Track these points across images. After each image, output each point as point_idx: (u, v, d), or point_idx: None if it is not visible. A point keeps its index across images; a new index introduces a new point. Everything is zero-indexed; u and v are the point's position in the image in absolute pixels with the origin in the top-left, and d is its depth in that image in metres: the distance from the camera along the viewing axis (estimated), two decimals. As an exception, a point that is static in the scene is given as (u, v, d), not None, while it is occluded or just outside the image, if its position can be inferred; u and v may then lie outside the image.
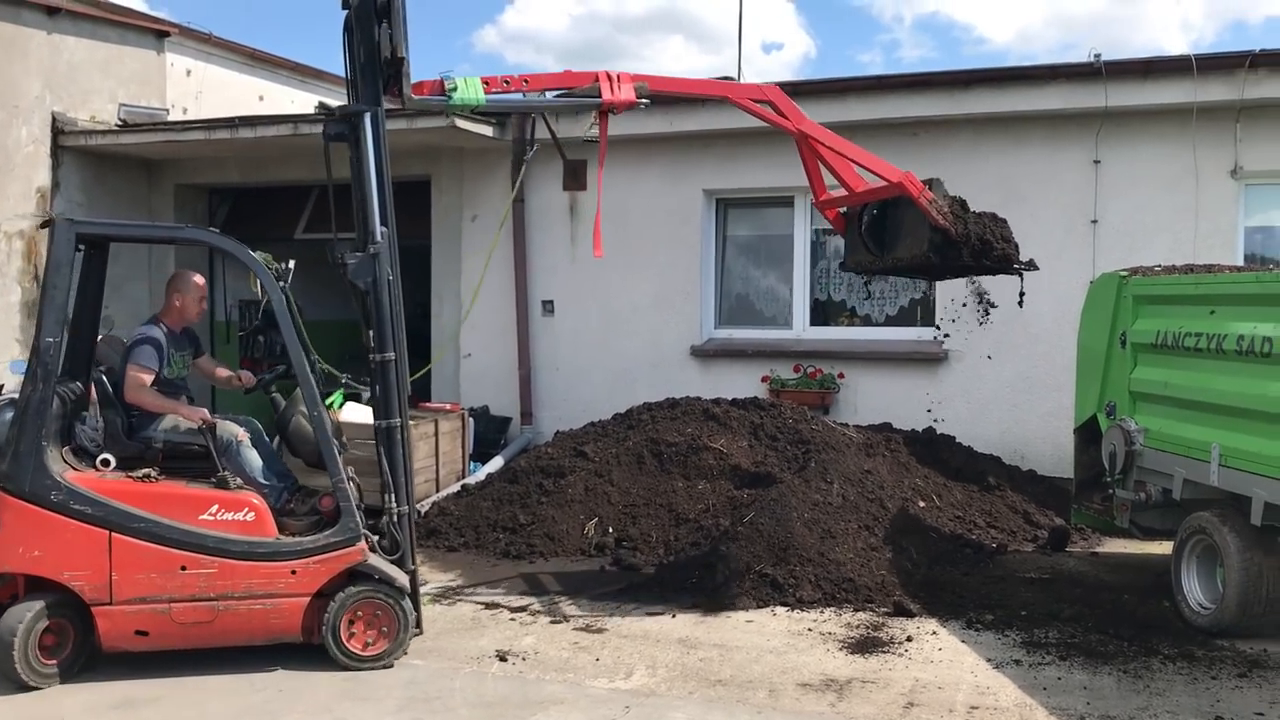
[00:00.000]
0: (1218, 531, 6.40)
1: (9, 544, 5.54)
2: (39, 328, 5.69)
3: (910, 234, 7.17)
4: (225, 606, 5.68)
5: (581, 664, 5.94)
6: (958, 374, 10.51)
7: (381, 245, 6.09)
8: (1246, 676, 5.72)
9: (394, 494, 6.09)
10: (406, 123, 11.20)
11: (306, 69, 16.47)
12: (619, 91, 6.76)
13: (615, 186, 11.51)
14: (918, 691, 5.54)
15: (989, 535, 8.60)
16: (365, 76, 6.28)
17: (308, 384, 5.96)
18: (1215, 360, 6.46)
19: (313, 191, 13.56)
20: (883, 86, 10.46)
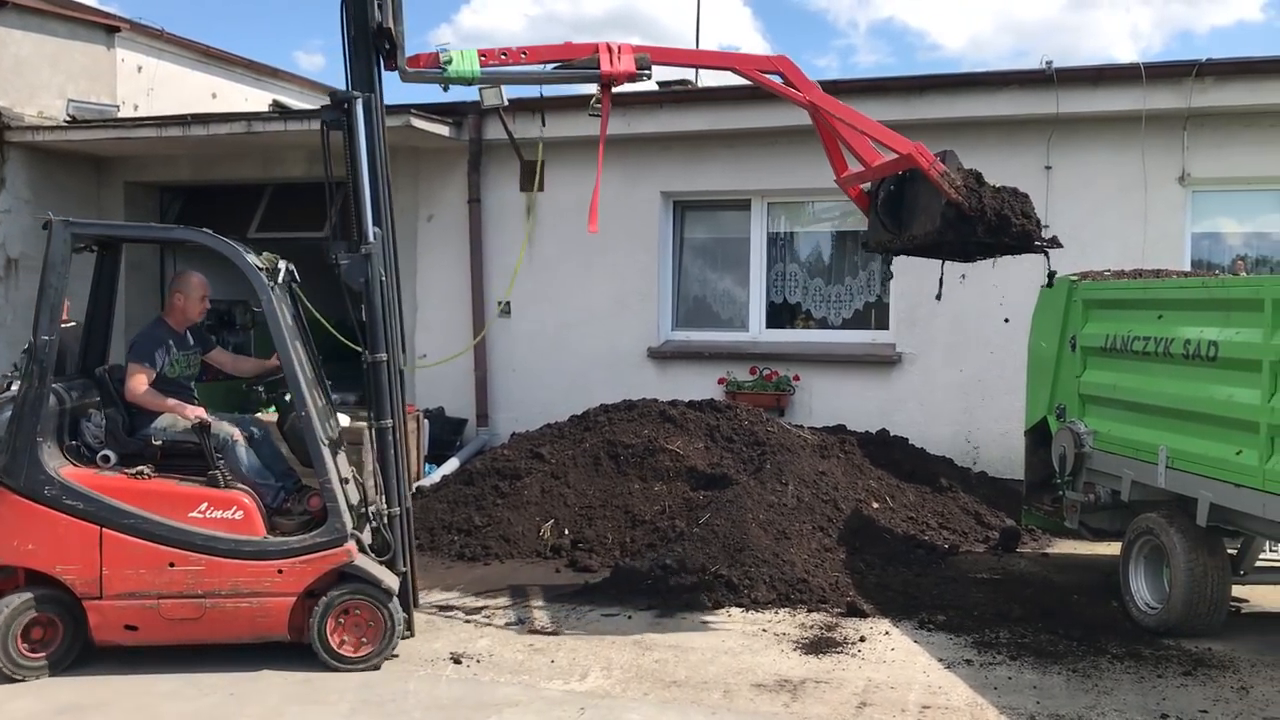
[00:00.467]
0: (1165, 532, 6.50)
1: (4, 537, 5.61)
2: (35, 326, 5.73)
3: (924, 210, 6.79)
4: (213, 604, 5.70)
5: (536, 666, 5.92)
6: (911, 376, 10.61)
7: (374, 246, 6.07)
8: (1192, 675, 5.82)
9: (385, 495, 6.07)
10: (362, 122, 11.12)
11: (261, 67, 16.32)
12: (619, 63, 6.59)
13: (572, 187, 11.53)
14: (871, 691, 5.58)
15: (941, 536, 8.68)
16: (358, 55, 6.20)
17: (295, 385, 5.92)
18: (1163, 364, 6.56)
19: (266, 190, 13.44)
20: (838, 91, 10.40)
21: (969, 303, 10.42)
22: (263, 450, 6.39)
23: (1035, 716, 5.24)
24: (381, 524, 6.07)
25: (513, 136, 11.25)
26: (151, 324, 6.50)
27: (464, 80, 6.52)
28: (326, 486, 5.83)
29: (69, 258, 5.82)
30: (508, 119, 11.21)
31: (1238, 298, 6.05)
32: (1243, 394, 5.83)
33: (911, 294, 10.65)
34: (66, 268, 5.78)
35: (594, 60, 6.61)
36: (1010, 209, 6.56)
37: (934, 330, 10.56)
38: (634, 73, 6.64)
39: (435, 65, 6.42)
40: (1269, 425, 5.61)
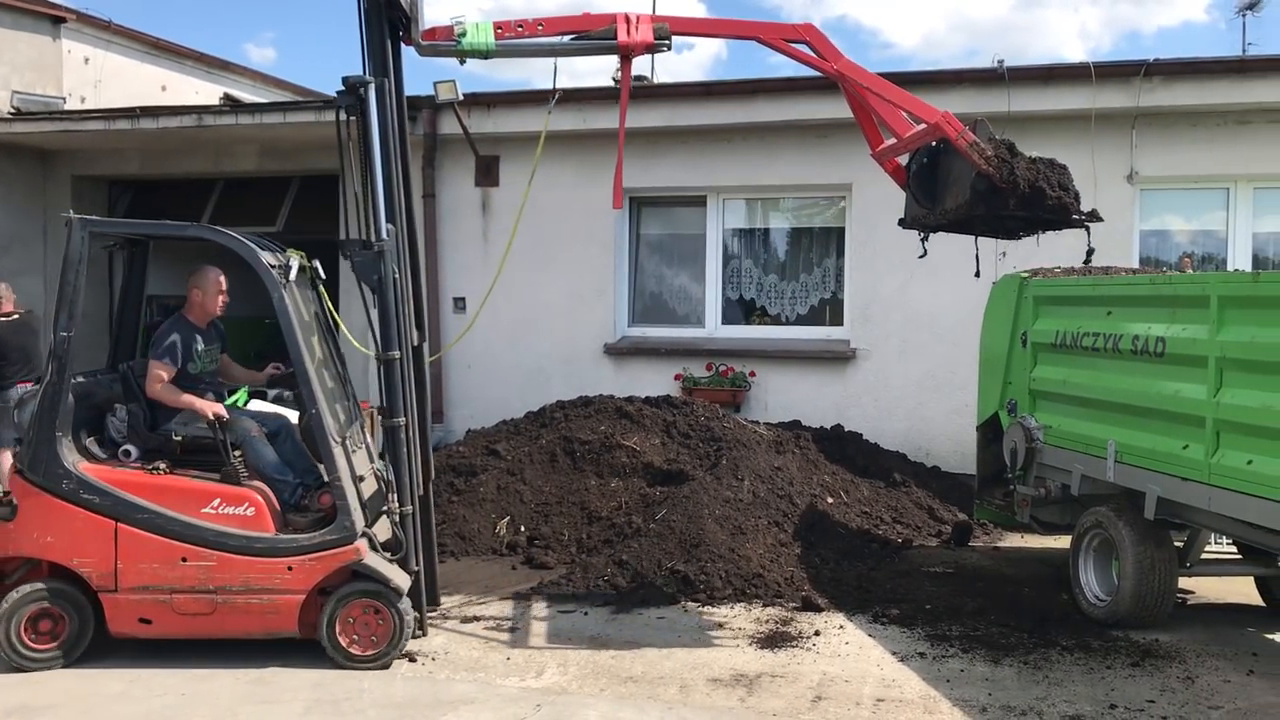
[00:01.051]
0: (1114, 526, 6.60)
1: (25, 529, 5.72)
2: (55, 323, 5.81)
3: (955, 183, 6.53)
4: (224, 599, 5.73)
5: (492, 663, 5.91)
6: (865, 373, 10.69)
7: (388, 243, 6.01)
8: (1139, 665, 5.92)
9: (397, 493, 6.04)
10: (315, 115, 11.07)
11: (212, 59, 16.11)
12: (636, 33, 6.46)
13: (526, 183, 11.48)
14: (826, 685, 5.62)
15: (895, 530, 8.76)
16: (371, 29, 6.10)
17: (305, 382, 5.89)
18: (1112, 360, 6.66)
19: (217, 184, 13.28)
20: (793, 88, 10.58)
21: (922, 299, 10.52)
22: (285, 446, 6.37)
23: (987, 708, 5.31)
24: (393, 522, 6.05)
25: (468, 131, 11.19)
26: (172, 320, 6.42)
27: (479, 53, 6.42)
28: (336, 484, 5.81)
29: (86, 256, 5.85)
30: (463, 114, 11.15)
31: (1184, 295, 6.15)
32: (1189, 389, 5.93)
33: (866, 290, 10.74)
34: (84, 265, 5.82)
35: (611, 31, 6.48)
36: (1045, 180, 6.23)
37: (888, 326, 10.64)
38: (652, 43, 6.50)
39: (450, 38, 6.34)
40: (1214, 420, 5.71)
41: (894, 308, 10.64)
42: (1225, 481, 5.61)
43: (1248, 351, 5.55)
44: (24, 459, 5.82)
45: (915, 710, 5.30)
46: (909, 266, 10.58)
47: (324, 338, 6.41)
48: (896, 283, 10.62)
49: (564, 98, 11.25)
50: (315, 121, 10.97)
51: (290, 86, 17.46)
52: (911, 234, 10.52)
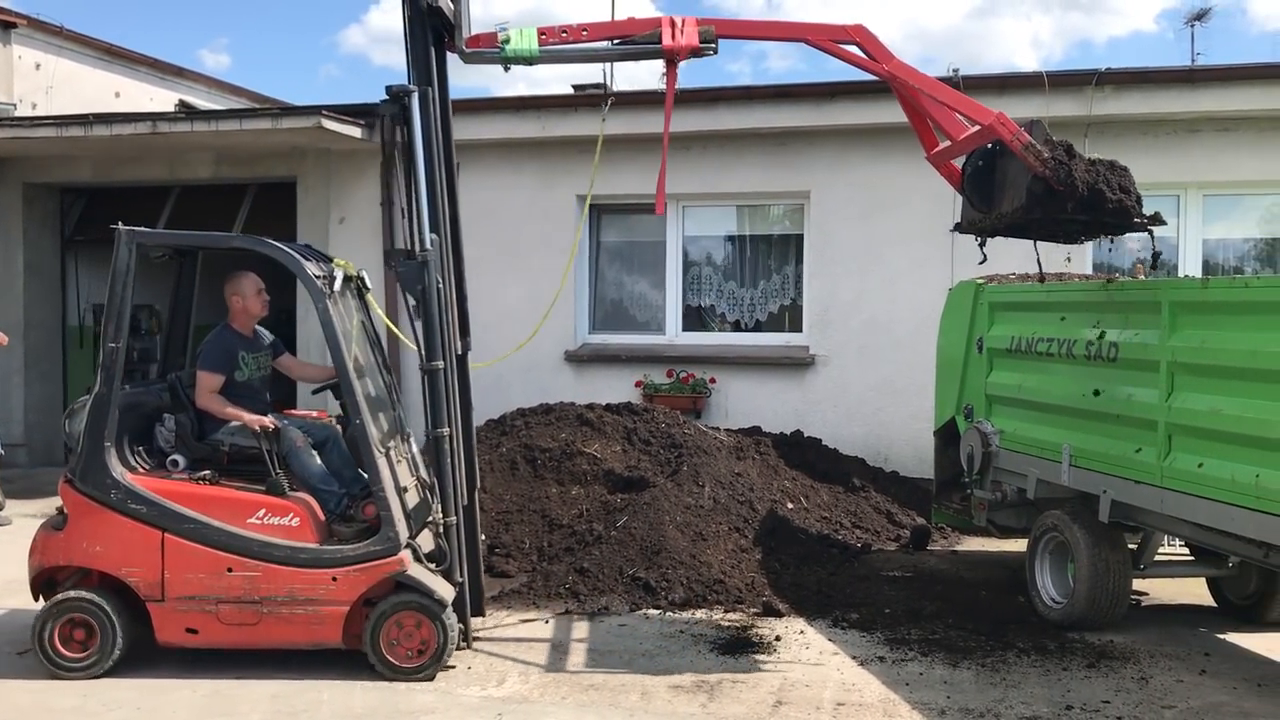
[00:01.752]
0: (1069, 529, 6.68)
1: (75, 539, 5.76)
2: (103, 334, 5.85)
3: (1012, 185, 6.35)
4: (269, 610, 5.74)
5: (453, 672, 5.87)
6: (824, 378, 10.76)
7: (431, 253, 6.00)
8: (1095, 667, 6.00)
9: (441, 504, 6.01)
10: (271, 122, 10.97)
11: (166, 66, 15.95)
12: (681, 37, 6.35)
13: (488, 189, 11.48)
14: (786, 690, 5.65)
15: (854, 535, 8.82)
16: (415, 37, 6.08)
17: (350, 392, 5.88)
18: (1066, 364, 6.75)
19: (172, 191, 13.12)
20: (751, 96, 10.65)
21: (880, 305, 10.61)
22: (332, 456, 6.33)
23: (946, 711, 5.35)
24: (438, 533, 6.02)
25: (426, 138, 11.13)
26: (218, 330, 6.38)
27: (523, 59, 6.36)
28: (380, 494, 5.79)
29: (134, 266, 5.87)
30: (421, 121, 11.08)
31: (1136, 300, 6.24)
32: (1142, 393, 6.02)
33: (824, 296, 10.81)
34: (132, 276, 5.84)
35: (656, 35, 6.38)
36: (1105, 183, 6.07)
37: (847, 333, 10.72)
38: (697, 47, 6.38)
39: (494, 45, 6.30)
40: (1167, 424, 5.80)
41: (852, 314, 10.72)
42: (1177, 484, 5.70)
43: (1198, 356, 5.65)
44: (74, 469, 5.82)
45: (875, 714, 5.33)
46: (867, 273, 10.69)
47: (370, 347, 6.36)
48: (854, 289, 10.70)
49: (522, 104, 11.28)
50: (272, 129, 10.87)
51: (247, 93, 17.33)
52: (868, 240, 10.68)
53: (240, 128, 11.11)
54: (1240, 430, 5.30)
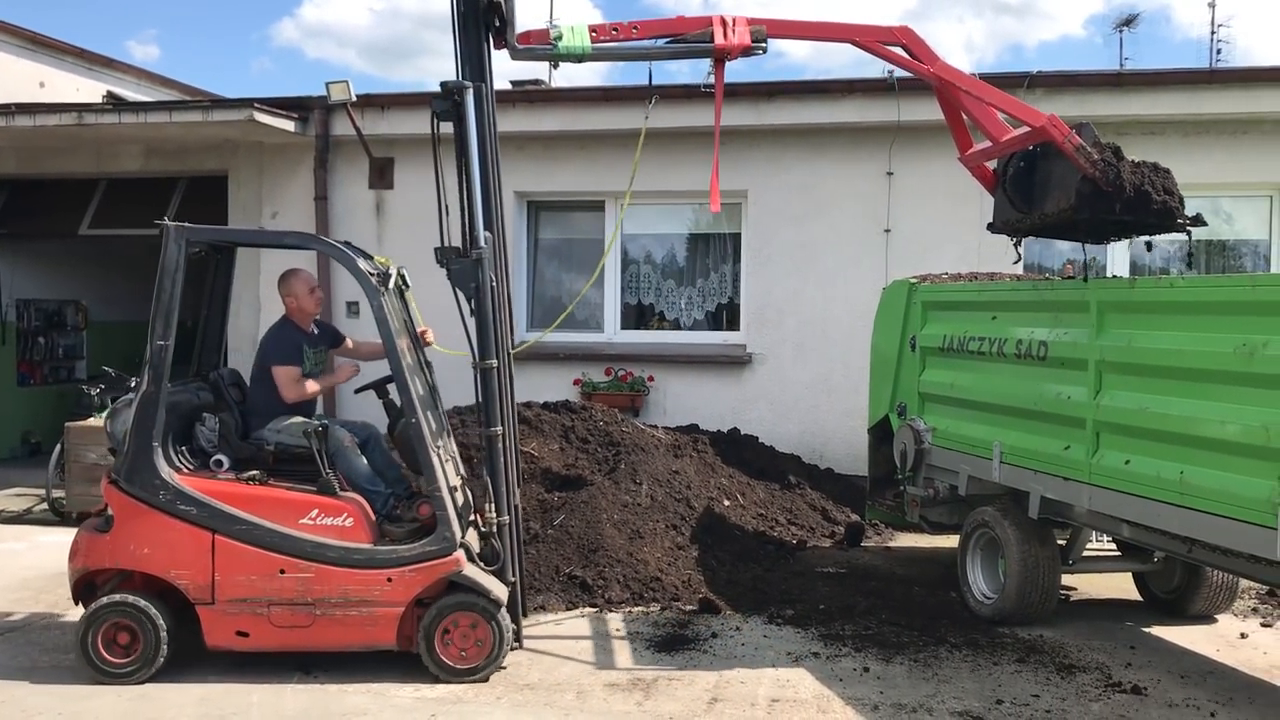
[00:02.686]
0: (999, 525, 6.78)
1: (122, 541, 5.64)
2: (150, 331, 5.70)
3: (1058, 186, 6.43)
4: (322, 612, 5.65)
5: (386, 673, 5.81)
6: (761, 376, 10.81)
7: (485, 251, 5.91)
8: (1024, 661, 6.09)
9: (494, 503, 5.93)
10: (202, 115, 10.79)
11: (94, 56, 15.56)
12: (734, 36, 6.37)
13: (424, 186, 11.32)
14: (722, 687, 5.66)
15: (789, 532, 8.87)
16: (468, 34, 6.00)
17: (406, 392, 5.83)
18: (996, 363, 6.84)
19: (99, 184, 12.83)
20: (689, 95, 10.64)
21: (816, 304, 10.70)
22: (374, 456, 6.25)
23: (879, 706, 5.40)
24: (491, 533, 5.93)
25: (361, 132, 11.02)
26: (279, 326, 6.36)
27: (574, 57, 6.31)
28: (436, 494, 5.73)
29: (183, 263, 5.79)
30: (356, 115, 10.97)
31: (1065, 300, 6.34)
32: (1070, 391, 6.12)
33: (761, 295, 10.87)
34: (181, 273, 5.76)
35: (708, 34, 6.39)
36: (1151, 184, 6.15)
37: (783, 331, 10.78)
38: (749, 46, 6.40)
39: (546, 41, 6.24)
40: (1095, 421, 5.90)
41: (789, 313, 10.79)
42: (1105, 481, 5.80)
43: (1125, 355, 5.75)
44: (119, 470, 5.68)
45: (809, 710, 5.37)
46: (803, 272, 10.77)
47: (413, 345, 6.26)
48: (791, 288, 10.77)
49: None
50: (203, 121, 10.68)
51: (178, 85, 16.97)
52: (804, 240, 10.75)
53: (170, 120, 10.90)
54: (1166, 428, 5.40)
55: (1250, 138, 9.97)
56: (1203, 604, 6.89)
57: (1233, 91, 9.92)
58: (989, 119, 6.77)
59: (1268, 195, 10.15)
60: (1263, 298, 4.94)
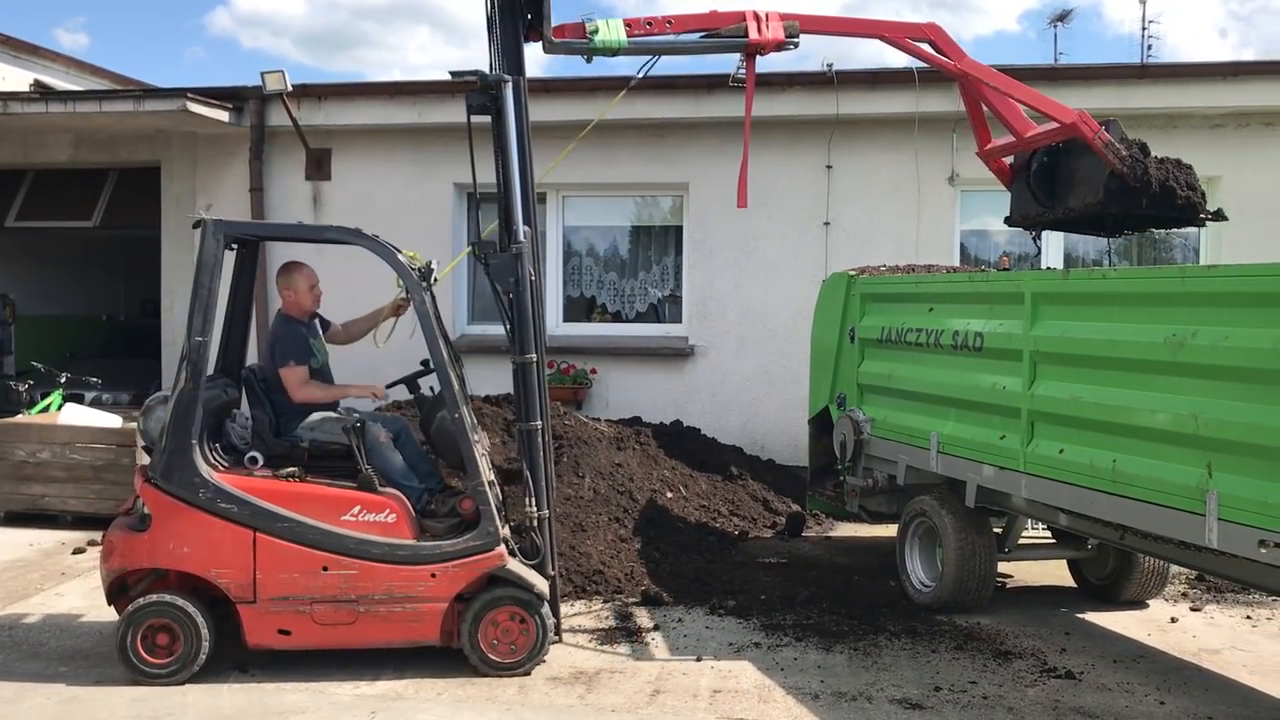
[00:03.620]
0: (937, 514, 6.86)
1: (160, 540, 5.55)
2: (189, 327, 5.64)
3: (1084, 181, 6.58)
4: (366, 608, 5.61)
5: (325, 669, 5.73)
6: (703, 369, 10.85)
7: (525, 245, 5.84)
8: (963, 648, 6.17)
9: (534, 497, 5.89)
10: (133, 104, 10.58)
11: (20, 44, 15.17)
12: (767, 31, 6.41)
13: (362, 178, 11.26)
14: (664, 679, 5.67)
15: (732, 523, 8.91)
16: (506, 27, 5.93)
17: (449, 386, 5.79)
18: (934, 354, 6.91)
19: (26, 175, 12.53)
20: (631, 87, 10.63)
21: (757, 296, 10.74)
22: (406, 450, 6.17)
23: (819, 695, 5.44)
24: (531, 527, 5.89)
25: (297, 123, 10.87)
26: (279, 323, 6.24)
27: (610, 50, 6.30)
28: (479, 489, 5.70)
29: (221, 258, 5.74)
30: (292, 105, 10.82)
31: (1001, 291, 6.42)
32: (1006, 382, 6.20)
33: (703, 288, 10.89)
34: (219, 268, 5.70)
35: (742, 29, 6.43)
36: (1176, 181, 6.35)
37: (725, 323, 10.82)
38: (782, 41, 6.45)
39: (581, 35, 6.22)
40: (1029, 411, 5.98)
41: (730, 305, 10.83)
42: (1039, 470, 5.88)
43: (1058, 345, 5.83)
44: (156, 468, 5.57)
45: (750, 700, 5.39)
46: (743, 265, 10.81)
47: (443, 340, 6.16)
48: (732, 280, 10.81)
49: (398, 90, 11.07)
50: (134, 111, 10.48)
51: (109, 75, 16.61)
52: (745, 232, 10.79)
53: (100, 110, 10.68)
54: (1098, 417, 5.48)
55: (1180, 131, 10.17)
56: (1135, 590, 7.02)
57: (1163, 86, 10.12)
58: (1013, 114, 6.91)
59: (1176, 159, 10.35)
60: (1192, 289, 5.04)
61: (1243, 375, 4.69)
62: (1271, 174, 10.15)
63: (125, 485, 8.75)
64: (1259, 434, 4.57)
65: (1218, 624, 6.77)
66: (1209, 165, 10.16)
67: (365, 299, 6.80)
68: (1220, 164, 10.20)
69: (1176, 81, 10.13)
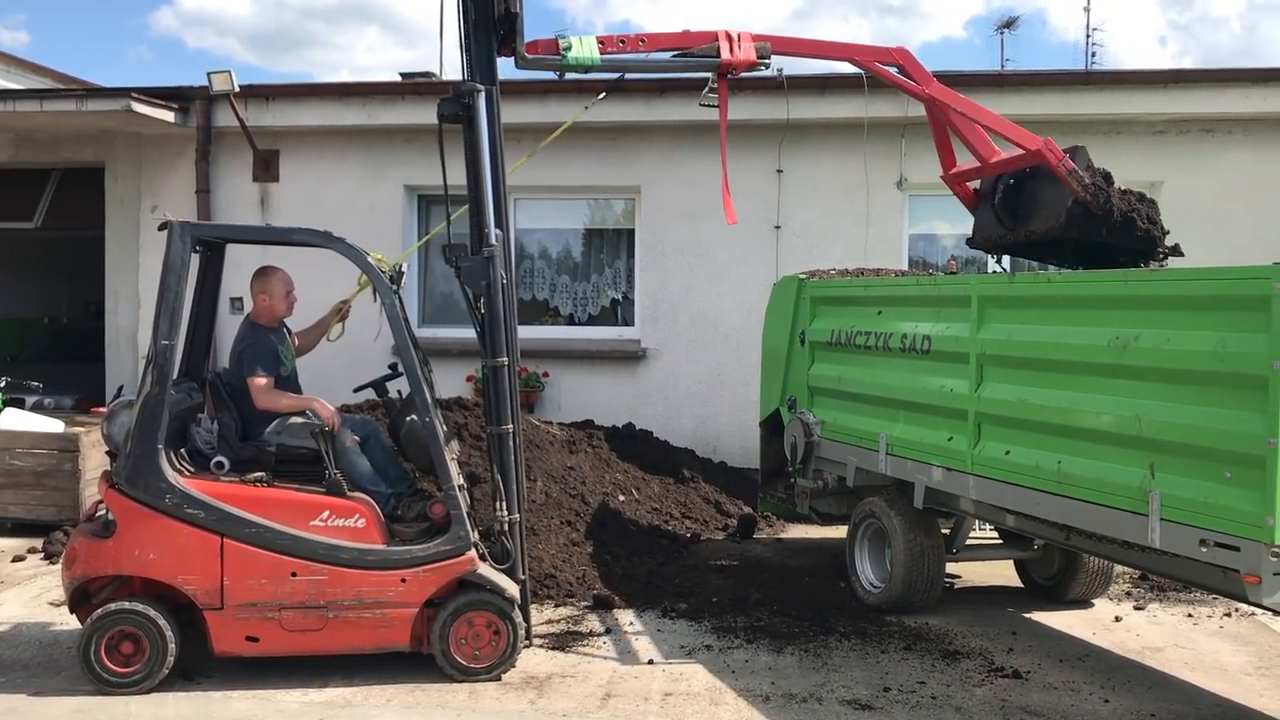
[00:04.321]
0: (886, 515, 6.91)
1: (125, 546, 5.47)
2: (155, 330, 5.57)
3: (1047, 206, 6.63)
4: (335, 614, 5.57)
5: (272, 676, 5.66)
6: (656, 371, 10.86)
7: (496, 248, 5.81)
8: (911, 648, 6.22)
9: (505, 501, 5.85)
10: (76, 104, 10.40)
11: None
12: (739, 51, 6.49)
13: (311, 180, 11.15)
14: (615, 682, 5.66)
15: (684, 525, 8.92)
16: (479, 41, 5.92)
17: (420, 390, 5.77)
18: (882, 357, 6.96)
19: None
20: (582, 90, 10.62)
21: (708, 299, 10.77)
22: (375, 454, 6.09)
23: (770, 697, 5.46)
24: (502, 531, 5.84)
25: (245, 124, 10.74)
26: (247, 330, 6.17)
27: (582, 67, 6.34)
28: (451, 494, 5.67)
29: (188, 260, 5.70)
30: (239, 106, 10.69)
31: (948, 295, 6.49)
32: (953, 384, 6.26)
33: (655, 291, 10.90)
34: (186, 270, 5.66)
35: (714, 49, 6.51)
36: (1137, 213, 6.40)
37: (677, 326, 10.84)
38: (754, 62, 6.54)
39: (555, 52, 6.24)
40: (976, 413, 6.05)
41: (682, 308, 10.85)
42: (986, 471, 5.95)
43: (1004, 348, 5.90)
44: (120, 473, 5.50)
45: (702, 702, 5.40)
46: (695, 268, 10.84)
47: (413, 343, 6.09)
48: (684, 283, 10.84)
49: (347, 91, 10.99)
50: (77, 111, 10.29)
51: (51, 73, 16.32)
52: (697, 236, 10.82)
53: (41, 109, 10.48)
54: (1044, 419, 5.55)
55: (1124, 138, 10.34)
56: (1080, 589, 7.12)
57: (1107, 93, 10.29)
58: (978, 139, 7.03)
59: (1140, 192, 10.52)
60: (1135, 292, 5.12)
61: (1184, 377, 4.78)
62: (1211, 180, 10.35)
63: (67, 491, 8.61)
64: (1200, 435, 4.66)
65: (1160, 622, 6.89)
66: (1151, 171, 10.38)
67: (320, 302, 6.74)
68: (1162, 169, 10.39)
69: (1120, 89, 10.30)
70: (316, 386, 10.83)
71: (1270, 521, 4.32)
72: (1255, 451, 4.40)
